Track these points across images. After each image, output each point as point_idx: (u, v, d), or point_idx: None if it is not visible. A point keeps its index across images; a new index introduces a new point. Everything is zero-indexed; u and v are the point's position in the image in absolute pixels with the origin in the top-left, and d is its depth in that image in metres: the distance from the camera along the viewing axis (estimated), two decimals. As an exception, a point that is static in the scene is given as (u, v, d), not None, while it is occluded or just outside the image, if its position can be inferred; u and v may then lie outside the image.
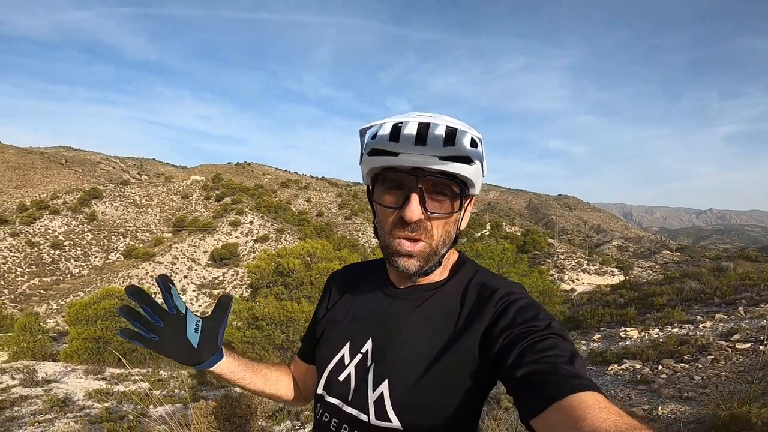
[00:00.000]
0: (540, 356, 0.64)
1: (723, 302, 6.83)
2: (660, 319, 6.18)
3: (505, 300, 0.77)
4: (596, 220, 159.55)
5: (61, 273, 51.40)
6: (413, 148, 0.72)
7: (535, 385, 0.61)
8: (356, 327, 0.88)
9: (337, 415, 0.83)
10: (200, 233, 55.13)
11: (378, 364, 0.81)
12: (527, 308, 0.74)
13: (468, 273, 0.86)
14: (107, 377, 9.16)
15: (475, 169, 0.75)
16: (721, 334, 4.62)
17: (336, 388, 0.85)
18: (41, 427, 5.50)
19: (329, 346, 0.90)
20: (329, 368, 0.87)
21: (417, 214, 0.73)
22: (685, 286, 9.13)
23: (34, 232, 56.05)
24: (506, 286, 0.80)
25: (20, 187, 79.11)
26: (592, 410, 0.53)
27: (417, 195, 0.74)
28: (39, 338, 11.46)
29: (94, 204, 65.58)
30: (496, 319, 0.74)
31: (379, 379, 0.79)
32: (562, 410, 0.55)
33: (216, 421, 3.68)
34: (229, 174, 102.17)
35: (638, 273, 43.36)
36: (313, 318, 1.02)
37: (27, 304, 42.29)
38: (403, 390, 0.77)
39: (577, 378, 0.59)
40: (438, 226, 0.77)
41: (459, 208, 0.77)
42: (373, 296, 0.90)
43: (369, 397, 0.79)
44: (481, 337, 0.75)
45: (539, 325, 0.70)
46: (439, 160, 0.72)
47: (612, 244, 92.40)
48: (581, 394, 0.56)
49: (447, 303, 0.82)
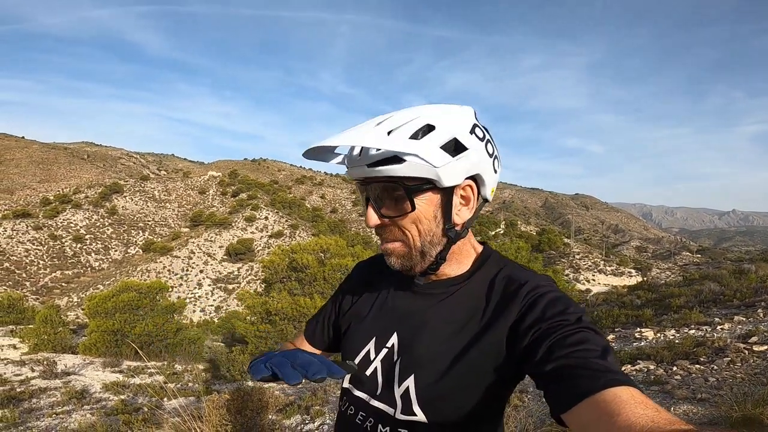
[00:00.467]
0: (571, 350, 0.62)
1: (742, 304, 6.67)
2: (677, 320, 6.06)
3: (533, 294, 0.74)
4: (614, 220, 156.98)
5: (82, 266, 52.66)
6: (355, 160, 0.75)
7: (566, 380, 0.59)
8: (381, 322, 0.88)
9: (364, 408, 0.84)
10: (216, 228, 55.89)
11: (403, 358, 0.81)
12: (556, 302, 0.72)
13: (494, 266, 0.84)
14: (124, 370, 9.37)
15: (410, 166, 0.70)
16: (738, 336, 4.52)
17: (363, 382, 0.86)
18: (59, 419, 5.64)
19: (355, 341, 0.91)
20: (356, 362, 0.88)
21: (373, 220, 0.77)
22: (704, 287, 8.93)
23: (56, 225, 57.52)
24: (534, 279, 0.78)
25: (44, 181, 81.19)
26: (627, 405, 0.51)
27: (370, 203, 0.77)
28: (59, 331, 11.74)
29: (115, 198, 66.99)
30: (524, 314, 0.73)
31: (405, 373, 0.79)
32: (595, 405, 0.54)
33: (228, 413, 3.73)
34: (245, 170, 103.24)
35: (657, 274, 42.56)
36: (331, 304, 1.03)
37: (49, 297, 43.46)
38: (428, 384, 0.77)
39: (610, 372, 0.57)
40: (407, 227, 0.76)
41: (413, 208, 0.74)
42: (397, 291, 0.90)
43: (395, 391, 0.79)
44: (509, 332, 0.73)
45: (569, 319, 0.68)
46: (368, 168, 0.73)
47: (630, 244, 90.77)
48: (616, 389, 0.54)
49: (472, 297, 0.81)
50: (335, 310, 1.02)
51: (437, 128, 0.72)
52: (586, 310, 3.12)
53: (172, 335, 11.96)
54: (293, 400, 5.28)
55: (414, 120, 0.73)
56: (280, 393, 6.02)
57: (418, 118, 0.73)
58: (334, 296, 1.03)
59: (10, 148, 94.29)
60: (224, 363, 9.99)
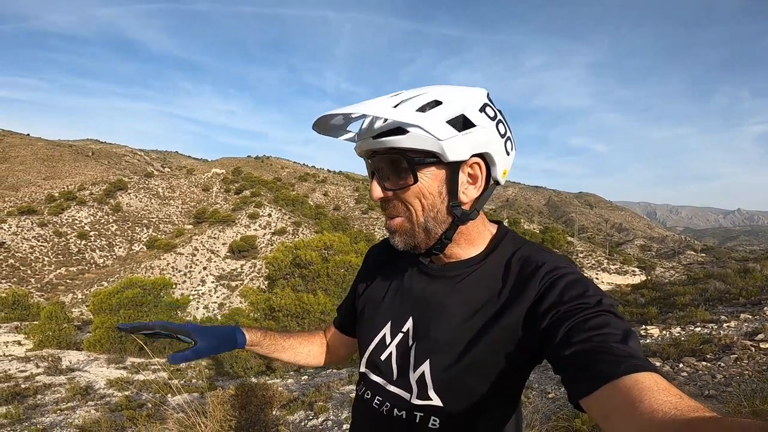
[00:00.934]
0: (591, 334, 0.60)
1: (748, 302, 6.63)
2: (682, 318, 6.02)
3: (551, 276, 0.72)
4: (618, 218, 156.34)
5: (87, 263, 52.90)
6: (363, 133, 0.76)
7: (586, 364, 0.58)
8: (396, 306, 0.88)
9: (381, 393, 0.84)
10: (220, 225, 56.02)
11: (419, 343, 0.80)
12: (575, 284, 0.70)
13: (509, 246, 0.82)
14: (128, 366, 9.41)
15: (413, 137, 0.71)
16: (745, 334, 4.49)
17: (378, 367, 0.86)
18: (63, 415, 5.66)
19: (370, 325, 0.91)
20: (371, 348, 0.88)
21: (376, 193, 0.77)
22: (709, 286, 8.88)
23: (61, 222, 57.79)
24: (552, 261, 0.76)
25: (49, 178, 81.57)
26: (650, 392, 0.50)
27: (375, 175, 0.77)
28: (64, 327, 11.81)
29: (119, 195, 67.22)
30: (541, 296, 0.71)
31: (421, 358, 0.79)
32: (617, 391, 0.52)
33: (232, 409, 3.73)
34: (249, 167, 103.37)
35: (661, 273, 42.37)
36: (352, 291, 1.04)
37: (53, 293, 43.70)
38: (444, 368, 0.76)
39: (632, 358, 0.55)
40: (410, 200, 0.75)
41: (415, 180, 0.73)
42: (411, 274, 0.89)
43: (411, 376, 0.79)
44: (525, 315, 0.72)
45: (589, 302, 0.66)
46: (373, 139, 0.74)
47: (634, 243, 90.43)
48: (638, 374, 0.53)
49: (488, 279, 0.79)
50: (354, 296, 1.03)
51: (444, 103, 0.72)
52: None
53: (176, 332, 12.00)
54: (297, 396, 5.28)
55: (422, 95, 0.74)
56: (284, 389, 6.02)
57: (426, 93, 0.74)
58: (354, 282, 1.04)
59: (14, 146, 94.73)
60: (227, 359, 10.01)
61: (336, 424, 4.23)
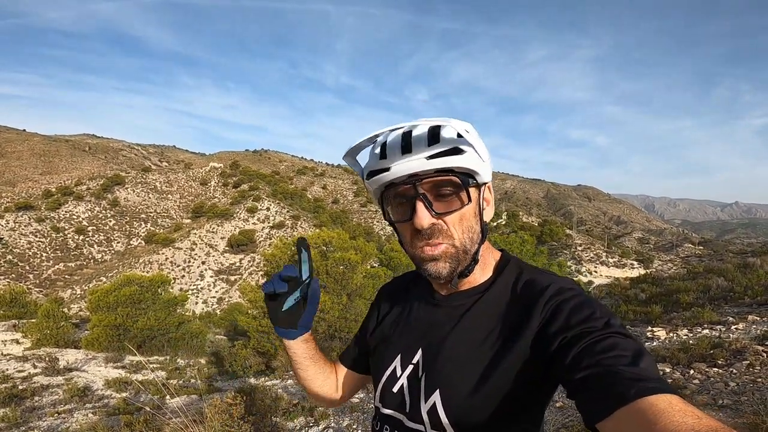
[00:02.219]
0: (599, 358, 0.59)
1: (754, 302, 6.54)
2: (689, 319, 5.94)
3: (556, 299, 0.72)
4: (616, 211, 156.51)
5: (85, 258, 52.79)
6: (401, 157, 0.73)
7: (597, 389, 0.57)
8: (406, 338, 0.88)
9: (397, 427, 0.83)
10: (218, 219, 55.87)
11: (429, 374, 0.80)
12: (581, 307, 0.69)
13: (513, 271, 0.82)
14: (126, 365, 9.33)
15: (468, 157, 0.73)
16: (755, 338, 4.39)
17: (391, 399, 0.85)
18: (60, 419, 5.57)
19: (381, 359, 0.91)
20: (383, 381, 0.88)
21: (427, 219, 0.74)
22: (711, 283, 8.80)
23: (59, 217, 57.60)
24: (555, 283, 0.75)
25: (46, 173, 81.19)
26: (665, 414, 0.48)
27: (421, 201, 0.74)
28: (62, 325, 11.70)
29: (117, 190, 66.97)
30: (548, 321, 0.70)
31: (431, 389, 0.78)
32: (630, 415, 0.51)
33: (230, 419, 3.64)
34: (247, 161, 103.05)
35: (659, 266, 42.45)
36: (363, 328, 1.03)
37: (52, 289, 43.63)
38: (455, 399, 0.75)
39: (643, 380, 0.54)
40: (454, 224, 0.75)
41: (468, 200, 0.74)
42: (419, 306, 0.89)
43: (422, 407, 0.78)
44: (533, 340, 0.71)
45: (596, 325, 0.65)
46: (427, 160, 0.72)
47: (632, 236, 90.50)
48: (651, 397, 0.51)
49: (494, 306, 0.79)
50: (363, 332, 1.03)
51: (470, 131, 0.74)
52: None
53: (174, 329, 11.91)
54: (297, 401, 5.19)
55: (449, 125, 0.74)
56: (283, 391, 5.94)
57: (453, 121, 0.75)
58: (364, 320, 1.04)
59: (11, 141, 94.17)
60: (227, 358, 9.94)
61: None
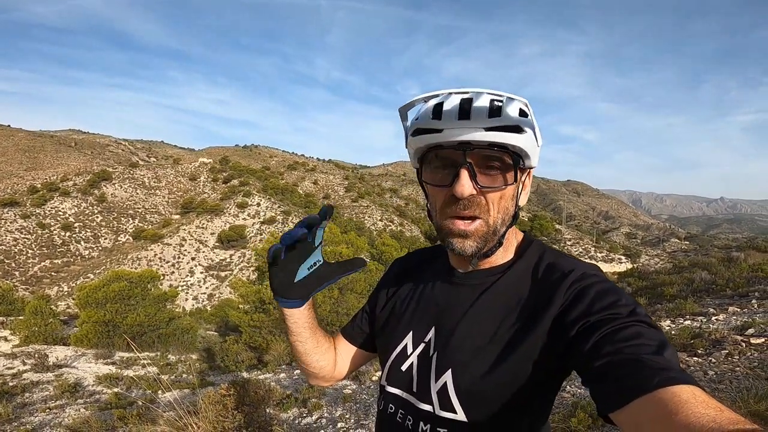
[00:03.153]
0: (622, 345, 0.58)
1: (735, 294, 6.73)
2: (671, 310, 6.11)
3: (579, 284, 0.70)
4: (605, 206, 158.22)
5: (72, 255, 52.09)
6: (457, 122, 0.70)
7: (617, 377, 0.55)
8: (418, 315, 0.86)
9: (404, 406, 0.82)
10: (208, 215, 55.44)
11: (441, 353, 0.78)
12: (606, 293, 0.67)
13: (535, 253, 0.80)
14: (116, 361, 9.31)
15: (527, 138, 0.70)
16: (734, 328, 4.54)
17: (398, 378, 0.84)
18: (52, 414, 5.57)
19: (391, 335, 0.88)
20: (392, 358, 0.86)
21: (468, 189, 0.70)
22: (695, 276, 9.01)
23: (44, 214, 56.71)
24: (580, 268, 0.73)
25: (31, 169, 79.80)
26: (687, 405, 0.47)
27: (467, 170, 0.70)
28: (50, 322, 11.60)
29: (104, 186, 66.06)
30: (569, 306, 0.68)
31: (442, 368, 0.76)
32: (652, 404, 0.50)
33: (224, 409, 3.69)
34: (237, 156, 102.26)
35: (646, 261, 43.11)
36: (371, 301, 1.00)
37: (38, 287, 43.03)
38: (467, 380, 0.74)
39: (666, 370, 0.52)
40: (493, 201, 0.73)
41: (514, 180, 0.73)
42: (435, 283, 0.87)
43: (432, 387, 0.77)
44: (552, 325, 0.69)
45: (621, 312, 0.63)
46: (485, 131, 0.69)
47: (620, 231, 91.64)
48: (675, 387, 0.50)
49: (513, 287, 0.77)
50: (371, 306, 1.00)
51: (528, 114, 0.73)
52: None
53: (164, 325, 11.89)
54: (290, 392, 5.25)
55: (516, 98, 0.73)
56: (276, 384, 6.00)
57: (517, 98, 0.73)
58: (372, 293, 1.01)
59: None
60: (218, 353, 9.96)
61: (330, 421, 4.21)
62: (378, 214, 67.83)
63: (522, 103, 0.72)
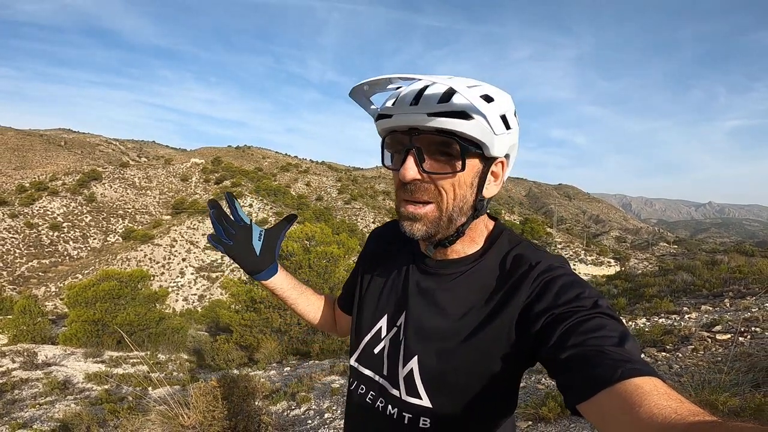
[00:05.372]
0: (586, 338, 0.59)
1: (711, 294, 6.95)
2: (648, 309, 6.31)
3: (545, 276, 0.71)
4: (595, 210, 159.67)
5: (60, 255, 51.55)
6: (407, 108, 0.71)
7: (582, 369, 0.56)
8: (393, 299, 0.87)
9: (374, 388, 0.84)
10: (199, 216, 55.16)
11: (409, 339, 0.79)
12: (571, 285, 0.68)
13: (505, 244, 0.80)
14: (106, 360, 9.33)
15: (476, 125, 0.68)
16: (703, 325, 4.75)
17: (370, 360, 0.85)
18: (42, 410, 5.64)
19: (366, 316, 0.90)
20: (366, 340, 0.87)
21: (412, 173, 0.71)
22: (677, 277, 9.26)
23: (33, 213, 56.06)
24: (546, 260, 0.74)
25: (19, 168, 78.84)
26: (649, 396, 0.49)
27: (412, 154, 0.72)
28: (38, 321, 11.55)
29: (93, 186, 65.48)
30: (536, 298, 0.69)
31: (409, 354, 0.78)
32: (615, 395, 0.51)
33: (215, 400, 3.81)
34: (229, 157, 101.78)
35: (635, 264, 43.65)
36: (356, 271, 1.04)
37: (25, 287, 42.51)
38: (432, 367, 0.75)
39: (629, 362, 0.54)
40: (445, 187, 0.72)
41: (462, 168, 0.71)
42: (408, 267, 0.87)
43: (399, 372, 0.79)
44: (519, 315, 0.70)
45: (585, 305, 0.64)
46: (428, 116, 0.69)
47: (610, 234, 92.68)
48: (637, 379, 0.51)
49: (482, 278, 0.77)
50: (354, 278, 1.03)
51: (495, 100, 0.72)
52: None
53: (154, 325, 11.90)
54: (279, 387, 5.38)
55: (479, 86, 0.72)
56: (266, 380, 6.11)
57: (481, 86, 0.73)
58: (357, 263, 1.05)
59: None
60: (209, 352, 10.01)
61: (318, 413, 4.35)
62: (371, 216, 67.95)
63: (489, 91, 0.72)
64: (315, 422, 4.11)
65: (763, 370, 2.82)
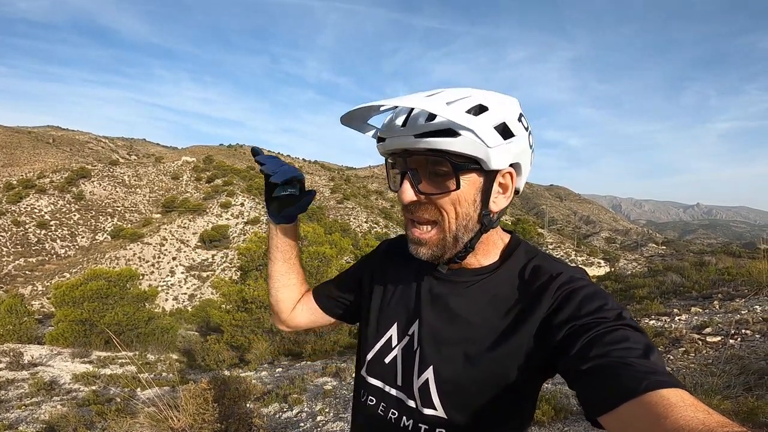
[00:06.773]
0: (610, 349, 0.58)
1: (700, 296, 7.01)
2: (638, 310, 6.35)
3: (566, 287, 0.70)
4: (586, 211, 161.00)
5: (47, 253, 50.84)
6: (398, 131, 0.71)
7: (606, 380, 0.55)
8: (404, 307, 0.84)
9: (385, 399, 0.82)
10: (190, 214, 54.71)
11: (424, 348, 0.77)
12: (593, 297, 0.67)
13: (522, 256, 0.79)
14: (93, 360, 9.20)
15: (463, 141, 0.67)
16: (693, 327, 4.78)
17: (381, 370, 0.83)
18: (28, 411, 5.54)
19: (376, 325, 0.87)
20: (375, 349, 0.85)
21: (409, 195, 0.71)
22: (666, 279, 9.34)
23: (20, 211, 55.22)
24: (567, 272, 0.73)
25: (6, 165, 77.60)
26: (676, 408, 0.47)
27: (407, 176, 0.72)
28: (25, 320, 11.39)
29: (82, 183, 64.64)
30: (557, 309, 0.68)
31: (425, 365, 0.76)
32: (640, 407, 0.50)
33: (205, 402, 3.76)
34: (221, 156, 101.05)
35: (624, 265, 44.05)
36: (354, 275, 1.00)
37: (12, 285, 41.87)
38: (448, 378, 0.74)
39: (654, 373, 0.53)
40: (445, 207, 0.72)
41: (457, 186, 0.70)
42: (421, 275, 0.85)
43: (414, 383, 0.77)
44: (539, 327, 0.69)
45: (608, 316, 0.63)
46: (415, 138, 0.68)
47: (600, 235, 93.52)
48: (663, 391, 0.50)
49: (500, 288, 0.76)
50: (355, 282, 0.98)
51: (490, 109, 0.69)
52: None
53: (143, 324, 11.77)
54: (271, 388, 5.33)
55: (468, 97, 0.70)
56: (258, 381, 6.06)
57: (471, 96, 0.70)
58: (358, 267, 1.01)
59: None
60: (199, 352, 9.92)
61: (310, 416, 4.32)
62: (363, 215, 67.89)
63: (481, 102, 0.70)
64: (307, 425, 4.08)
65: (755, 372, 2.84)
